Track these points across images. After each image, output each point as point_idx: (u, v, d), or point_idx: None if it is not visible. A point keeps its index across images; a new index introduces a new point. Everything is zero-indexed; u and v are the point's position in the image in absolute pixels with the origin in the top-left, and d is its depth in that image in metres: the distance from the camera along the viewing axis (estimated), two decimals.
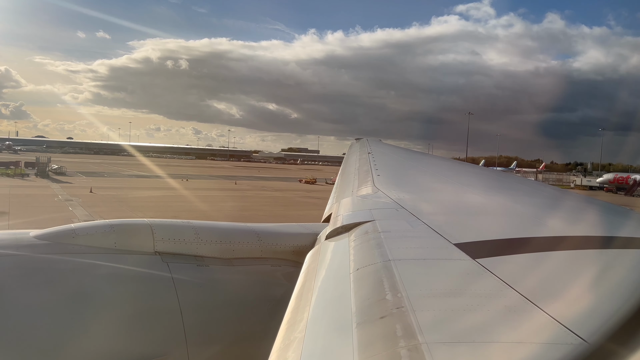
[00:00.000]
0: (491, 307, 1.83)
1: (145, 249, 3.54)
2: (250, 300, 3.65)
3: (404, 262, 2.41)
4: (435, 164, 10.45)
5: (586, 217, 4.40)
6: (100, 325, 3.05)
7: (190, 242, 3.68)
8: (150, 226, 3.66)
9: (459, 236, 2.88)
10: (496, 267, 2.26)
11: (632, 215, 4.74)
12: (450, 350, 1.52)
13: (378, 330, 1.70)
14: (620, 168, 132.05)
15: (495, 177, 10.46)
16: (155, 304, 3.36)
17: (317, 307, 2.17)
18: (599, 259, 2.70)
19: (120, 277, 3.37)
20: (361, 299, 2.03)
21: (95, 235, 3.50)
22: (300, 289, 2.57)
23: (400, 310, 1.79)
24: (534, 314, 1.74)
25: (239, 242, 3.86)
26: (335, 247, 3.24)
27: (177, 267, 3.48)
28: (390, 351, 1.53)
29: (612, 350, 1.51)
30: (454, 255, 2.53)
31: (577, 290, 2.06)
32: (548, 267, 2.41)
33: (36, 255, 3.23)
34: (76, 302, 3.11)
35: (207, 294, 3.52)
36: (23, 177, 63.60)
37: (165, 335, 3.26)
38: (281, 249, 3.96)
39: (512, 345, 1.54)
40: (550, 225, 3.73)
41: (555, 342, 1.53)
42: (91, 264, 3.32)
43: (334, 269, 2.84)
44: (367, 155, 9.51)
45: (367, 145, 11.66)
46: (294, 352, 1.78)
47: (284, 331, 2.08)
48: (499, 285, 2.05)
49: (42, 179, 62.53)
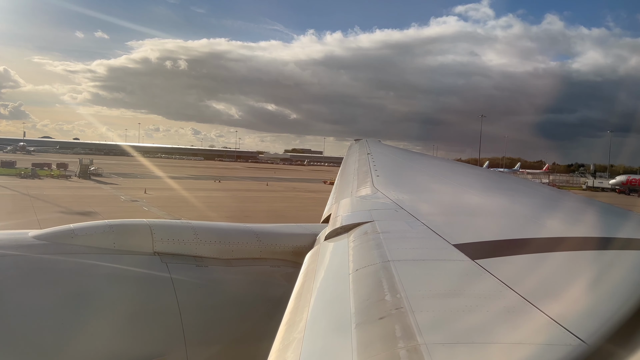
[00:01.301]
0: (490, 308, 1.83)
1: (144, 250, 3.54)
2: (250, 300, 3.65)
3: (403, 263, 2.41)
4: (434, 165, 10.47)
5: (585, 218, 4.42)
6: (99, 325, 3.05)
7: (189, 242, 3.68)
8: (149, 226, 3.66)
9: (458, 237, 2.89)
10: (495, 267, 2.26)
11: (631, 216, 4.75)
12: (450, 351, 1.52)
13: (377, 331, 1.70)
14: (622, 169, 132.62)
15: (493, 178, 10.48)
16: (154, 304, 3.35)
17: (317, 308, 2.17)
18: (598, 259, 2.71)
19: (119, 278, 3.37)
20: (360, 299, 2.03)
21: (94, 236, 3.49)
22: (300, 290, 2.57)
23: (399, 311, 1.79)
24: (533, 315, 1.74)
25: (238, 242, 3.86)
26: (335, 247, 3.24)
27: (176, 268, 3.48)
28: (389, 352, 1.53)
29: (610, 351, 1.51)
30: (453, 256, 2.53)
31: (576, 291, 2.06)
32: (547, 268, 2.42)
33: (35, 256, 3.22)
34: (75, 302, 3.10)
35: (206, 294, 3.52)
36: (68, 179, 64.09)
37: (164, 335, 3.26)
38: (280, 250, 3.96)
39: (511, 346, 1.55)
40: (549, 226, 3.74)
41: (554, 343, 1.54)
42: (90, 264, 3.32)
43: (333, 269, 2.84)
44: (366, 156, 9.53)
45: (367, 146, 11.69)
46: (293, 353, 1.78)
47: (283, 332, 2.08)
48: (498, 286, 2.05)
49: (87, 181, 63.06)
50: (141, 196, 45.91)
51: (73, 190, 50.43)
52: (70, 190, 49.49)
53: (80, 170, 67.78)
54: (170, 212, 35.52)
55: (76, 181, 62.20)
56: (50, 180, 61.71)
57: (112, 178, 68.24)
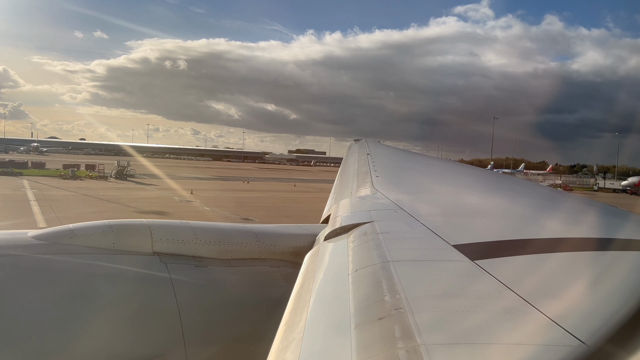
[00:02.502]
0: (489, 309, 1.83)
1: (143, 250, 3.54)
2: (249, 301, 3.65)
3: (402, 264, 2.41)
4: (434, 166, 10.46)
5: (584, 218, 4.41)
6: (98, 325, 3.05)
7: (188, 242, 3.68)
8: (148, 226, 3.66)
9: (458, 237, 2.88)
10: (494, 268, 2.26)
11: (631, 217, 4.75)
12: (449, 351, 1.52)
13: (377, 332, 1.69)
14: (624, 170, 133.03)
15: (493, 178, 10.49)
16: (153, 304, 3.35)
17: (316, 308, 2.17)
18: (597, 260, 2.71)
19: (118, 278, 3.37)
20: (360, 300, 2.03)
21: (93, 236, 3.49)
22: (299, 290, 2.57)
23: (398, 312, 1.79)
24: (533, 316, 1.74)
25: (237, 242, 3.86)
26: (334, 248, 3.24)
27: (176, 268, 3.48)
28: (388, 352, 1.53)
29: (610, 352, 1.51)
30: (452, 256, 2.53)
31: (576, 292, 2.06)
32: (546, 269, 2.42)
33: (34, 256, 3.22)
34: (74, 302, 3.10)
35: (205, 294, 3.52)
36: (106, 179, 64.99)
37: (163, 335, 3.26)
38: (280, 250, 3.96)
39: (511, 347, 1.55)
40: (548, 227, 3.74)
41: (554, 343, 1.54)
42: (89, 264, 3.31)
43: (332, 270, 2.84)
44: (366, 156, 9.52)
45: (366, 147, 11.67)
46: (292, 353, 1.78)
47: (282, 332, 2.08)
48: (497, 286, 2.05)
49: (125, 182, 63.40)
50: (189, 197, 46.32)
51: (124, 191, 50.48)
52: (121, 192, 49.69)
53: (117, 172, 68.97)
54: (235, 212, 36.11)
55: (116, 182, 62.65)
56: (91, 181, 62.64)
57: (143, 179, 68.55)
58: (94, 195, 44.26)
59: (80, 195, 44.63)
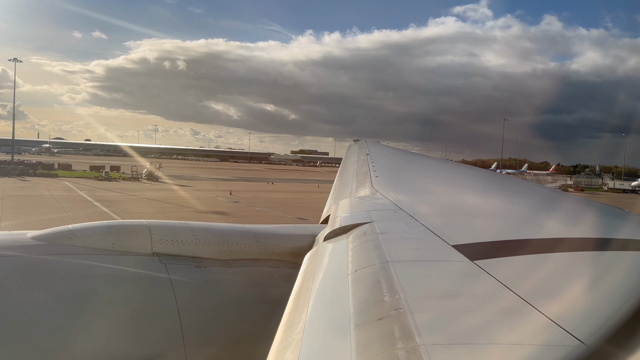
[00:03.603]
0: (489, 309, 1.83)
1: (143, 250, 3.53)
2: (248, 301, 3.65)
3: (402, 264, 2.41)
4: (433, 166, 10.47)
5: (584, 218, 4.42)
6: (97, 326, 3.05)
7: (188, 243, 3.68)
8: (148, 227, 3.66)
9: (457, 238, 2.88)
10: (494, 268, 2.26)
11: (630, 217, 4.76)
12: (448, 351, 1.52)
13: (376, 332, 1.69)
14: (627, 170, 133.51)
15: (492, 179, 10.50)
16: (153, 305, 3.35)
17: (315, 309, 2.17)
18: (596, 260, 2.71)
19: (117, 278, 3.37)
20: (359, 300, 2.03)
21: (93, 236, 3.49)
22: (299, 291, 2.57)
23: (398, 312, 1.79)
24: (532, 316, 1.74)
25: (236, 243, 3.86)
26: (334, 248, 3.24)
27: (175, 268, 3.48)
28: (388, 353, 1.53)
29: (609, 352, 1.52)
30: (451, 256, 2.53)
31: (575, 292, 2.06)
32: (546, 269, 2.42)
33: (34, 256, 3.22)
34: (73, 303, 3.10)
35: (205, 295, 3.51)
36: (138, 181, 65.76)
37: (163, 336, 3.26)
38: (279, 250, 3.96)
39: (510, 347, 1.55)
40: (547, 227, 3.74)
41: (553, 344, 1.54)
42: (89, 265, 3.31)
43: (332, 270, 2.84)
44: (365, 156, 9.51)
45: (366, 147, 11.67)
46: (291, 354, 1.78)
47: (281, 333, 2.08)
48: (496, 287, 2.05)
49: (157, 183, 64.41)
50: (231, 197, 46.89)
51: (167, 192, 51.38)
52: (165, 193, 50.63)
53: (149, 173, 70.02)
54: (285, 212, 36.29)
55: (150, 183, 63.48)
56: (125, 182, 63.41)
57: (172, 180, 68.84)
58: (142, 197, 44.55)
59: (129, 197, 44.82)
